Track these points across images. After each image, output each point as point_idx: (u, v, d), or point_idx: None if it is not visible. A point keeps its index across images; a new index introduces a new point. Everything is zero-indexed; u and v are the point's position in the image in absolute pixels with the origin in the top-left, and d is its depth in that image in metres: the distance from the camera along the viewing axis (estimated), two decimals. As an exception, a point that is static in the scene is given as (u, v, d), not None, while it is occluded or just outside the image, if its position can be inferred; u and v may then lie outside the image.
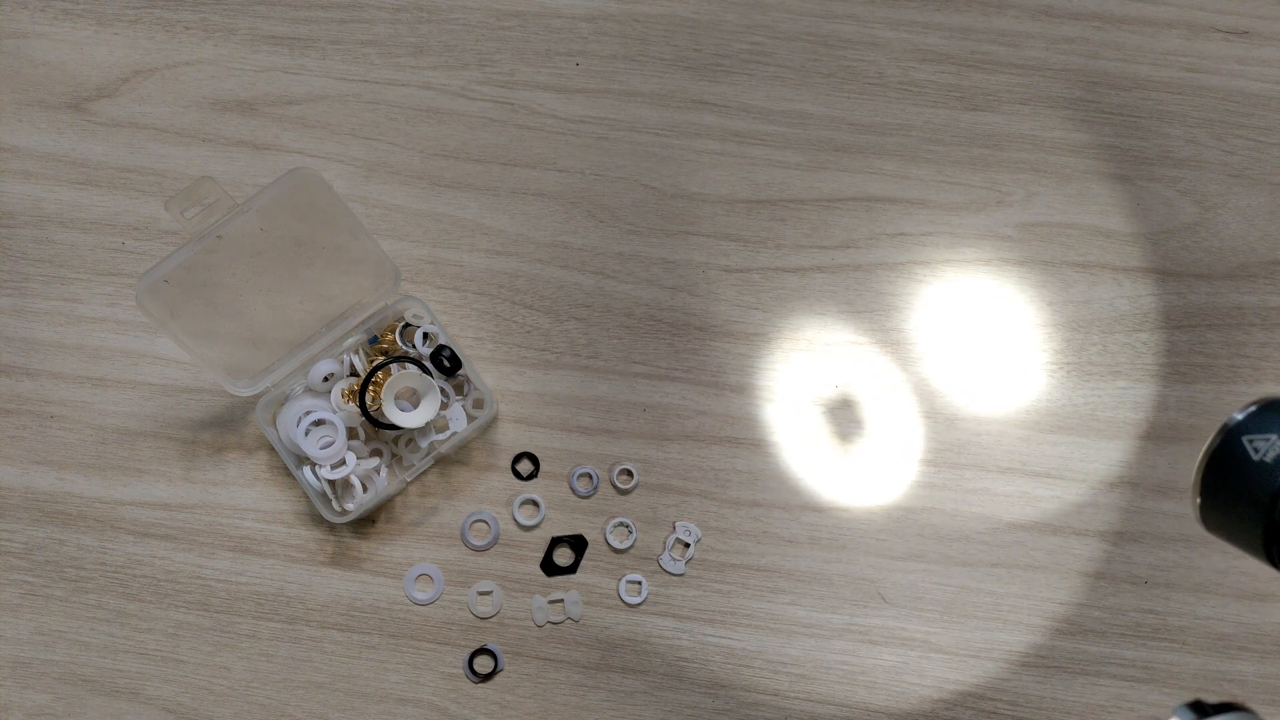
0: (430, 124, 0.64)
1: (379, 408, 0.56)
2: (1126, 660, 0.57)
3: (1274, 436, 0.41)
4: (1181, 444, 0.60)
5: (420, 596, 0.58)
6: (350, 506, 0.56)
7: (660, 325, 0.62)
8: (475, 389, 0.59)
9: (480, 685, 0.57)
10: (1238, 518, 0.41)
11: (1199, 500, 0.42)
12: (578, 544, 0.59)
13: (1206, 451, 0.42)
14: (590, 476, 0.60)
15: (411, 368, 0.56)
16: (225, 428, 0.60)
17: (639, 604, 0.58)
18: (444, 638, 0.58)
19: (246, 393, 0.56)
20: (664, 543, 0.59)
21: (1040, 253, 0.62)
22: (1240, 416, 0.41)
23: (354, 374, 0.58)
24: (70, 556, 0.59)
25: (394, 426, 0.56)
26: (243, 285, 0.55)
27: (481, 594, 0.58)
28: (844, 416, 0.61)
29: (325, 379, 0.58)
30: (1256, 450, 0.41)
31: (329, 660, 0.58)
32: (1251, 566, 0.55)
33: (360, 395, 0.56)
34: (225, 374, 0.55)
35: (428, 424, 0.57)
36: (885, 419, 0.60)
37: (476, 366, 0.60)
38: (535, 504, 0.59)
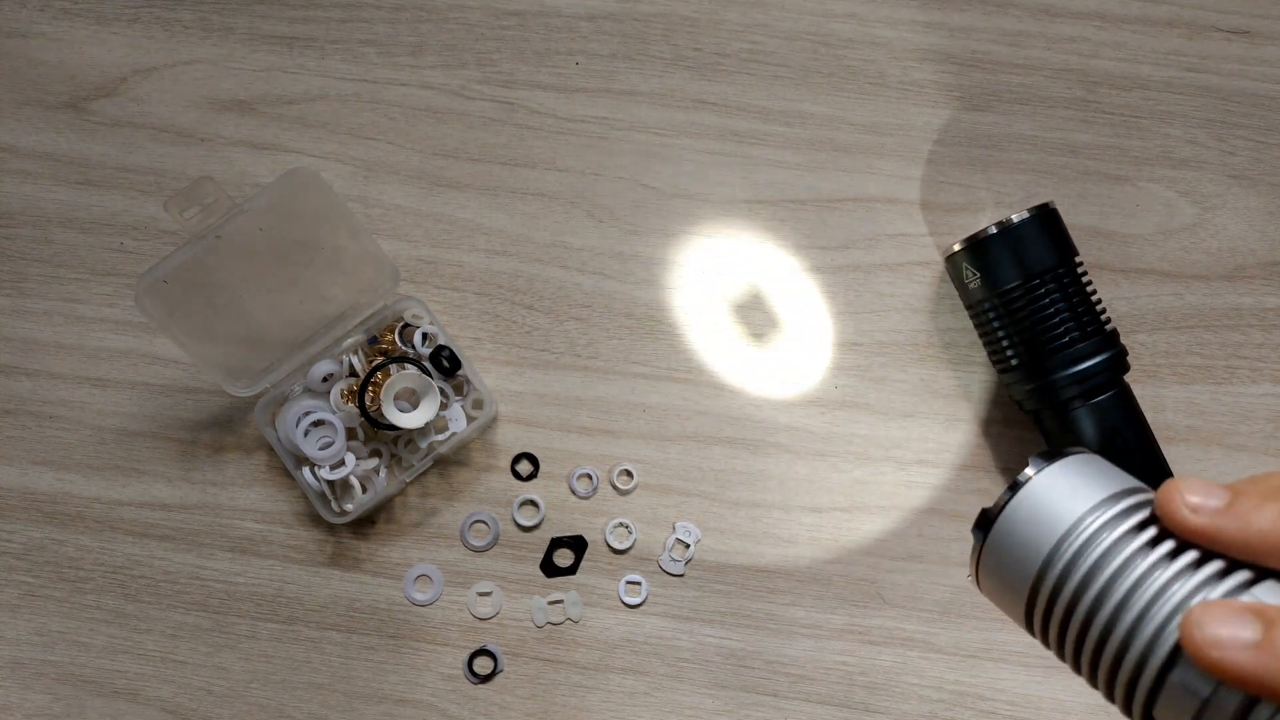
0: (429, 124, 0.64)
1: (378, 408, 0.56)
2: (1125, 661, 0.57)
3: (978, 274, 0.56)
4: (1179, 445, 0.60)
5: (420, 597, 0.58)
6: (349, 507, 0.56)
7: (660, 325, 0.61)
8: (475, 389, 0.59)
9: (480, 686, 0.57)
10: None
11: (946, 258, 0.59)
12: (577, 545, 0.59)
13: (969, 237, 0.56)
14: (590, 477, 0.60)
15: (411, 368, 0.56)
16: (224, 428, 0.60)
17: (639, 604, 0.58)
18: (443, 639, 0.58)
19: (246, 393, 0.56)
20: (664, 543, 0.59)
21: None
22: (958, 247, 0.57)
23: (353, 374, 0.58)
24: (69, 557, 0.59)
25: (393, 427, 0.56)
26: (242, 285, 0.55)
27: (481, 595, 0.58)
28: (843, 417, 0.61)
29: (324, 379, 0.58)
30: (967, 279, 0.57)
31: (328, 661, 0.58)
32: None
33: (359, 396, 0.56)
34: (224, 374, 0.55)
35: (427, 424, 0.57)
36: (884, 419, 0.60)
37: (476, 367, 0.60)
38: (535, 504, 0.59)
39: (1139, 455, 0.55)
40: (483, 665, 0.58)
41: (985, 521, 0.34)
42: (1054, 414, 0.56)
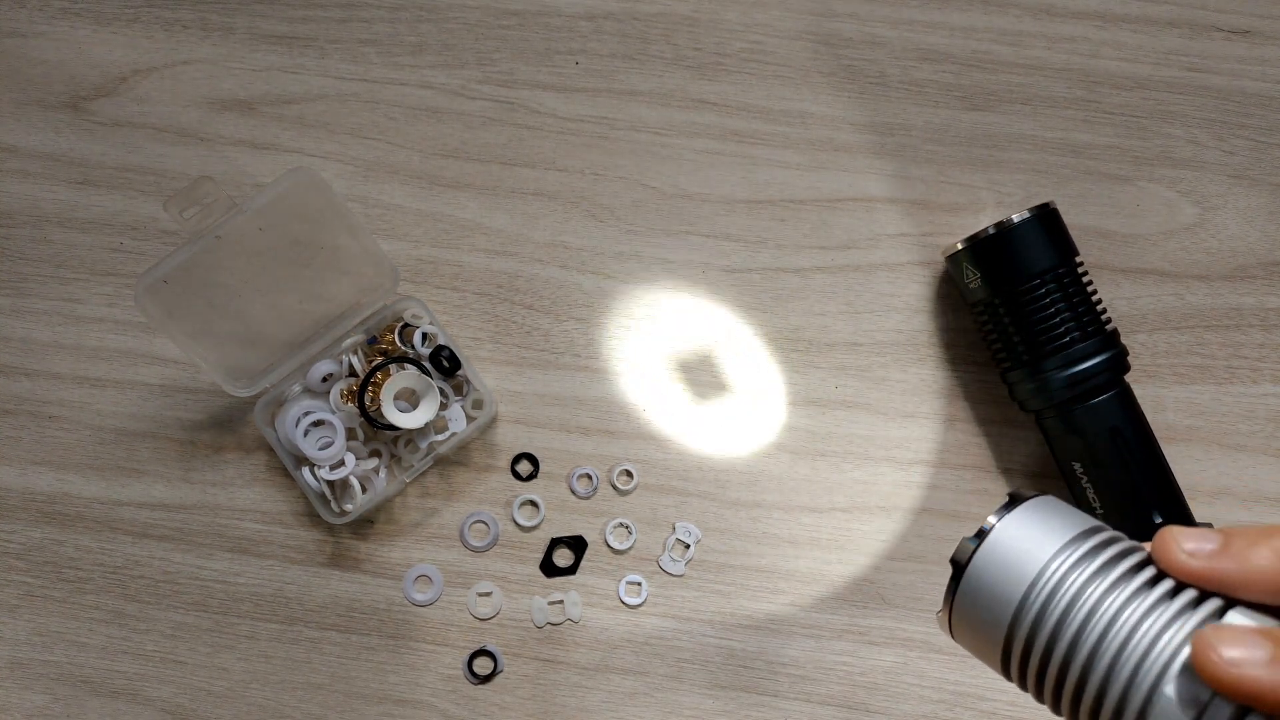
0: (429, 123, 0.64)
1: (378, 408, 0.56)
2: (1126, 661, 0.57)
3: (978, 274, 0.56)
4: (1179, 444, 0.60)
5: (419, 597, 0.58)
6: (349, 507, 0.56)
7: (659, 325, 0.61)
8: (475, 389, 0.59)
9: (480, 686, 0.57)
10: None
11: (946, 258, 0.59)
12: (577, 545, 0.59)
13: (969, 237, 0.57)
14: (590, 477, 0.60)
15: (410, 368, 0.56)
16: (224, 428, 0.60)
17: (639, 605, 0.58)
18: (443, 639, 0.58)
19: (245, 393, 0.56)
20: (664, 543, 0.59)
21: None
22: (961, 246, 0.57)
23: (353, 374, 0.58)
24: (68, 557, 0.59)
25: (393, 427, 0.56)
26: (241, 285, 0.55)
27: (481, 595, 0.58)
28: (843, 417, 0.60)
29: (324, 379, 0.58)
30: (968, 279, 0.57)
31: (327, 661, 0.58)
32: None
33: (359, 396, 0.56)
34: (224, 374, 0.55)
35: (427, 425, 0.57)
36: (884, 419, 0.60)
37: (476, 367, 0.60)
38: (535, 505, 0.59)
39: (1139, 455, 0.55)
40: (482, 665, 0.58)
41: (955, 569, 0.34)
42: (1054, 414, 0.56)
